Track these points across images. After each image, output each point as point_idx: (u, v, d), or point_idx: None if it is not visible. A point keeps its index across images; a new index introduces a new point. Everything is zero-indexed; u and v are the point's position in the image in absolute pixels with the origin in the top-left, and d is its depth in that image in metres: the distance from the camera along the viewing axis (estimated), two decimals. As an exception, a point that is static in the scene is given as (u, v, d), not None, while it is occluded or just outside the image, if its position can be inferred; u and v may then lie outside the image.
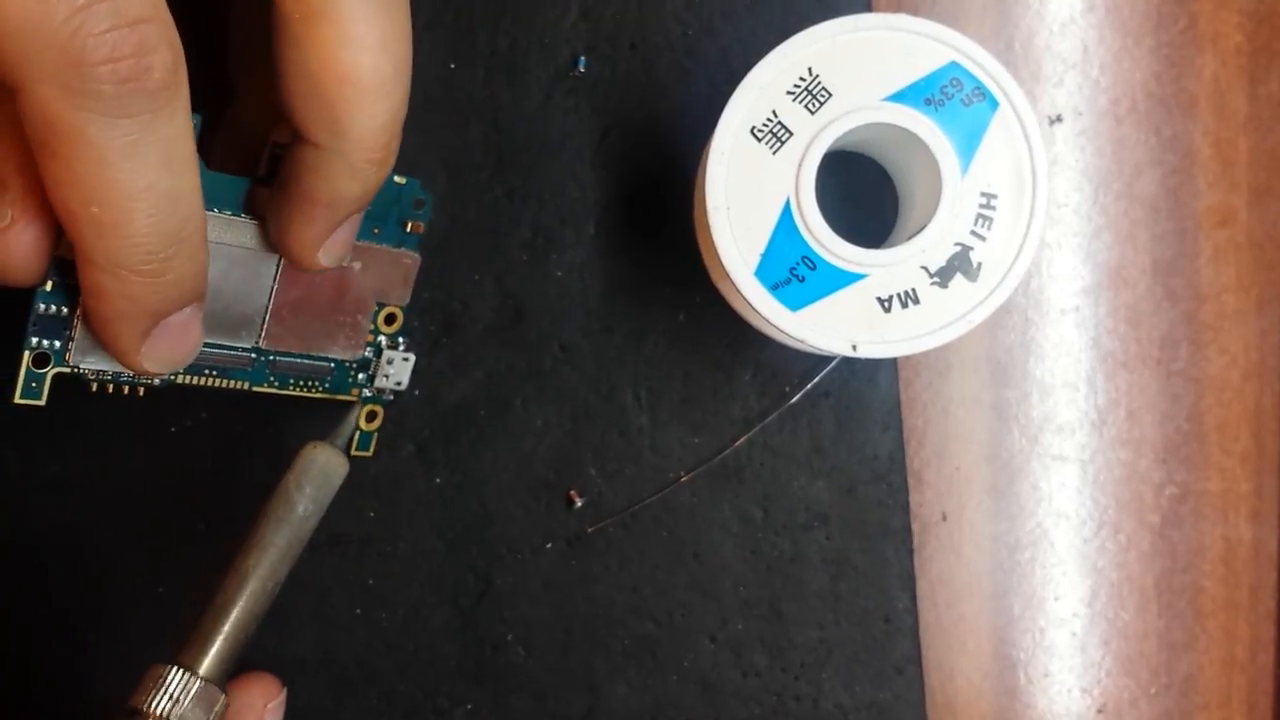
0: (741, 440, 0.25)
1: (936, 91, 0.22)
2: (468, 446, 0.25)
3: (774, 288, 0.22)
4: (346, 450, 0.22)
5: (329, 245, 0.20)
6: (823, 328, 0.22)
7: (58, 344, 0.20)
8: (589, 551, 0.25)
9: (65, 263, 0.19)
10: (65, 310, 0.20)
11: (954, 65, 0.22)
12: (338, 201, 0.19)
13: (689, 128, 0.25)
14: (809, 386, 0.25)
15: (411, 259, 0.23)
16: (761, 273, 0.22)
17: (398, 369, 0.23)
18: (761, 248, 0.22)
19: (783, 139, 0.22)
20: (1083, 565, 0.27)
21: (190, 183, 0.17)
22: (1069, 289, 0.27)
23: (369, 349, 0.23)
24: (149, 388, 0.22)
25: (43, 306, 0.20)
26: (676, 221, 0.25)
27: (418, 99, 0.22)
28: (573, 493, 0.25)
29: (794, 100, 0.22)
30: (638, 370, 0.25)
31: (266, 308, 0.22)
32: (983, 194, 0.22)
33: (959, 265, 0.22)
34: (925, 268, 0.22)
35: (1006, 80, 0.21)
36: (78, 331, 0.20)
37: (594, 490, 0.25)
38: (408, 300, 0.23)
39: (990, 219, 0.22)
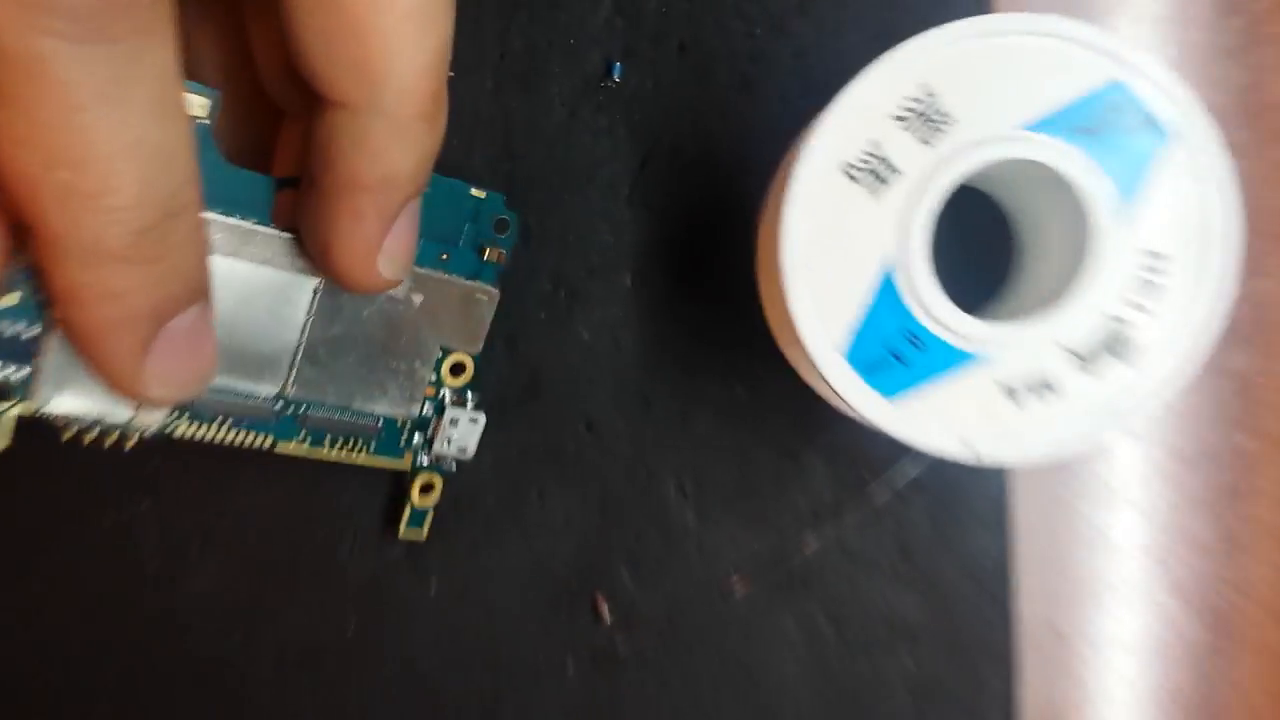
0: (811, 541, 0.23)
1: (1093, 117, 0.18)
2: (470, 545, 0.22)
3: (867, 371, 0.18)
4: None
5: (389, 249, 0.16)
6: (929, 423, 0.18)
7: (24, 373, 0.16)
8: (621, 674, 0.23)
9: (35, 270, 0.15)
10: (35, 330, 0.16)
11: (1117, 85, 0.18)
12: (390, 180, 0.15)
13: (755, 157, 0.22)
14: (897, 478, 0.23)
15: (488, 295, 0.20)
16: (853, 352, 0.18)
17: (463, 433, 0.21)
18: (854, 322, 0.18)
19: (885, 179, 0.18)
20: (1233, 700, 0.24)
21: (183, 135, 0.14)
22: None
23: (429, 404, 0.20)
24: (139, 438, 0.18)
25: (1, 327, 0.16)
26: (734, 273, 0.22)
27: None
28: (600, 601, 0.23)
29: (903, 128, 0.18)
30: (682, 454, 0.23)
31: (298, 346, 0.18)
32: (1148, 253, 0.18)
33: (1112, 346, 0.18)
34: (1067, 348, 0.18)
35: (1186, 104, 0.18)
36: (47, 360, 0.16)
37: (627, 599, 0.23)
38: (480, 347, 0.21)
39: (1158, 286, 0.18)
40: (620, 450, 0.23)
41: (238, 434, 0.19)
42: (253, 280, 0.17)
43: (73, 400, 0.17)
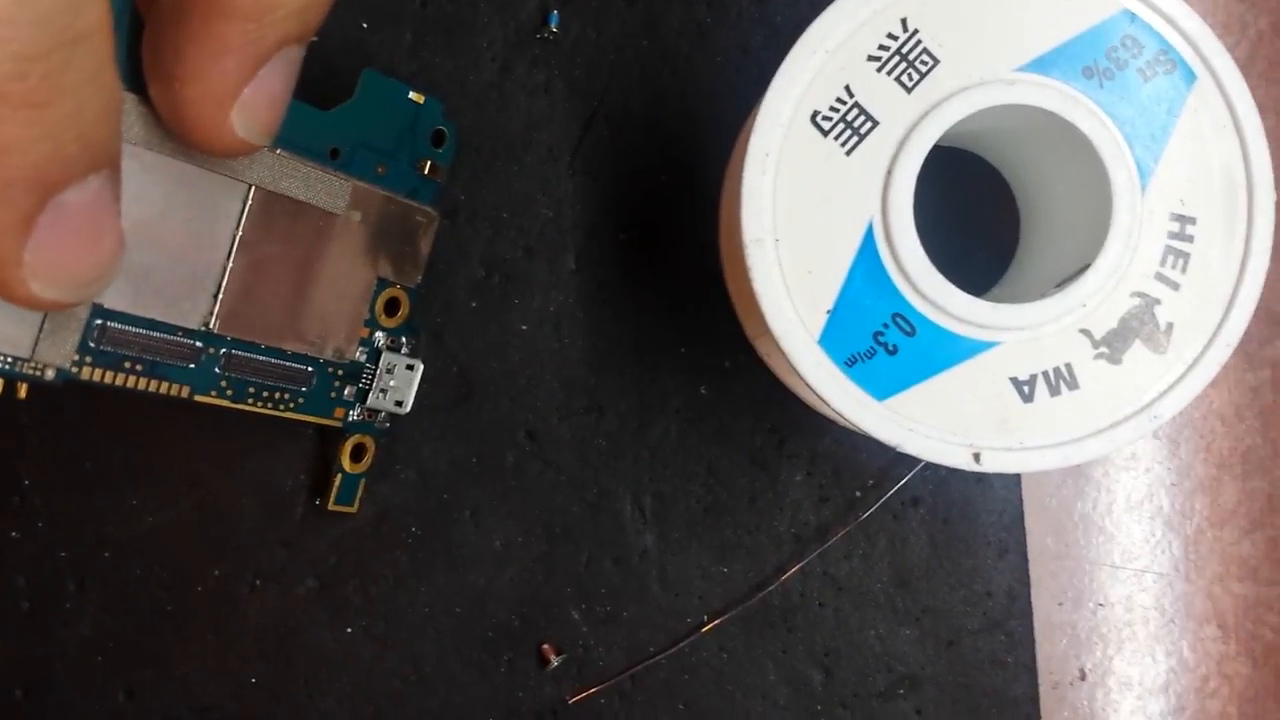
0: (793, 570, 0.22)
1: (1102, 56, 0.17)
2: (393, 580, 0.22)
3: (849, 363, 0.17)
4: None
5: (250, 100, 0.15)
6: (927, 426, 0.17)
7: None
8: (571, 731, 0.22)
9: None
10: None
11: (1128, 16, 0.17)
12: (269, 8, 0.14)
13: (714, 116, 0.22)
14: (891, 491, 0.22)
15: (428, 216, 0.20)
16: (830, 340, 0.17)
17: (400, 382, 0.21)
18: (829, 301, 0.17)
19: (862, 131, 0.17)
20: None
21: None
22: None
23: (361, 349, 0.20)
24: (35, 383, 0.16)
25: None
26: (694, 252, 0.23)
27: (317, 72, 0.19)
28: (547, 647, 0.23)
29: (880, 70, 0.17)
30: (639, 468, 0.23)
31: (225, 266, 0.18)
32: (1175, 216, 0.17)
33: (1138, 328, 0.17)
34: (1087, 332, 0.17)
35: (1209, 41, 0.17)
36: None
37: (577, 643, 0.22)
38: (419, 279, 0.21)
39: (1186, 255, 0.17)
40: (566, 463, 0.23)
41: (150, 382, 0.18)
42: (172, 179, 0.16)
43: None
